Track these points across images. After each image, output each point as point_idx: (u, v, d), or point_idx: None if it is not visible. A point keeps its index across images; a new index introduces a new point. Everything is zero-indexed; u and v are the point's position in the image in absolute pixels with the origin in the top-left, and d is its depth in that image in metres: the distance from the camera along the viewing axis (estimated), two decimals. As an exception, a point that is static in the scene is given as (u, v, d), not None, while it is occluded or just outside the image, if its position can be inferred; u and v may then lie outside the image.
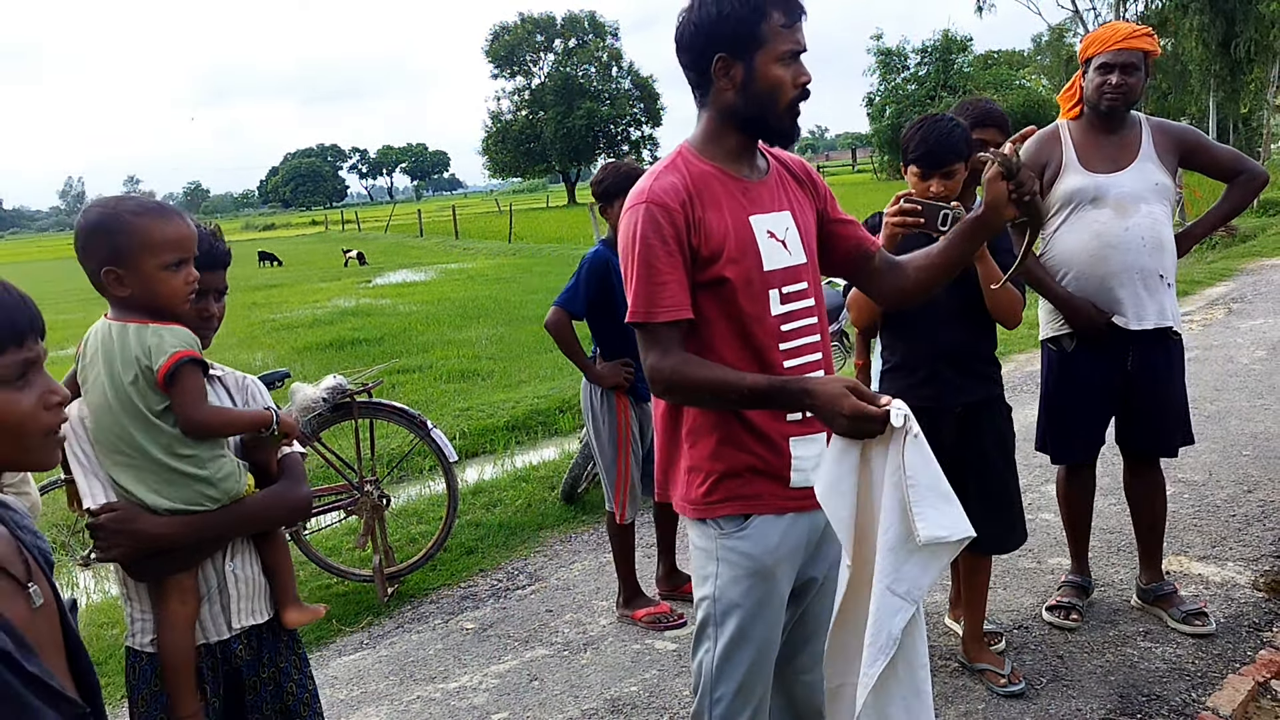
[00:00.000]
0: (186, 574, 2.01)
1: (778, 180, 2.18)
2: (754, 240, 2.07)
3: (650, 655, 3.79)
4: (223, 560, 2.07)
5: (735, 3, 1.98)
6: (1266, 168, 18.16)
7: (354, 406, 4.61)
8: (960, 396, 3.12)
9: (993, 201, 2.06)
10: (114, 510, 1.93)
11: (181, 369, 1.94)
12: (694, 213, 2.02)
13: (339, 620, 4.39)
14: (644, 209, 2.02)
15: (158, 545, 1.96)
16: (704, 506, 2.13)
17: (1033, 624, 3.73)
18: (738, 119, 2.08)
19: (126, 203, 1.95)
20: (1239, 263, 12.57)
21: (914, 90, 47.48)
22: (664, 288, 2.01)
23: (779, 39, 2.01)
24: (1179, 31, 29.99)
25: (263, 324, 15.07)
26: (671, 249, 2.00)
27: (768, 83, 2.02)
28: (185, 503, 1.98)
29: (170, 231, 1.95)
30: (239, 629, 2.09)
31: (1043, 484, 4.97)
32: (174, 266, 1.95)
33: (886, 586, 1.88)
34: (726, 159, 2.11)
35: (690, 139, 2.16)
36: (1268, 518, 4.51)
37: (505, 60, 70.49)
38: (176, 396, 1.95)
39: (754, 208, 2.10)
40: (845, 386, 1.87)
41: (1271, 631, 3.53)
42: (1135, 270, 3.42)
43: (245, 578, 2.10)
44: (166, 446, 1.96)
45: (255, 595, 2.12)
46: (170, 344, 1.94)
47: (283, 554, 2.19)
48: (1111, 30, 3.45)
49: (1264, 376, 6.95)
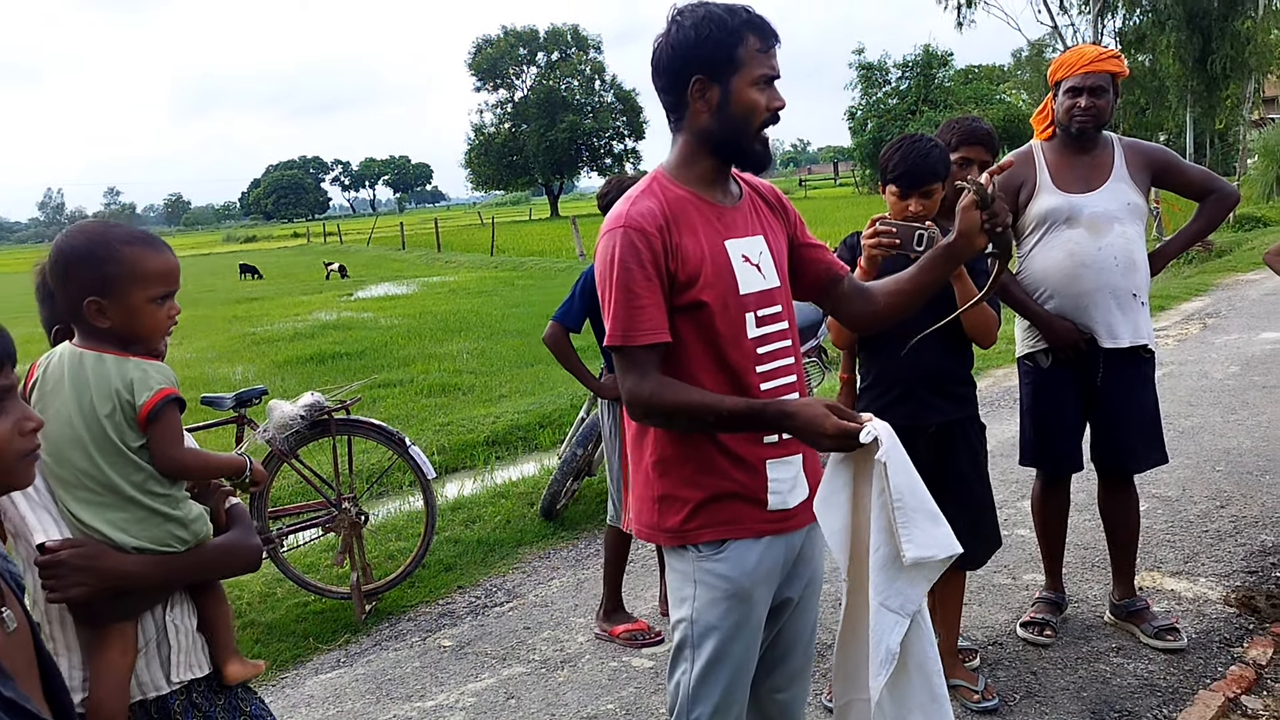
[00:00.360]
0: (129, 622, 1.88)
1: (750, 205, 2.21)
2: (729, 264, 2.09)
3: (627, 673, 3.79)
4: (163, 610, 1.95)
5: (713, 26, 2.01)
6: (1241, 183, 18.33)
7: (332, 423, 4.61)
8: (935, 416, 3.15)
9: (965, 230, 2.10)
10: (77, 546, 1.80)
11: (165, 408, 1.87)
12: (671, 238, 2.04)
13: (315, 638, 4.37)
14: (621, 233, 2.04)
15: (123, 585, 1.84)
16: (681, 534, 2.14)
17: (1007, 640, 3.76)
18: (711, 142, 2.10)
19: (115, 231, 1.89)
20: (1214, 278, 12.70)
21: (895, 104, 47.79)
22: (642, 311, 2.02)
23: (754, 63, 2.04)
24: (1156, 48, 30.31)
25: (243, 337, 15.00)
26: (649, 273, 2.02)
27: (742, 106, 2.05)
28: (155, 542, 1.88)
29: (161, 264, 1.89)
30: (178, 683, 1.97)
31: (1018, 500, 5.00)
32: (160, 300, 1.89)
33: (880, 603, 1.96)
34: (701, 184, 2.14)
35: (665, 164, 2.18)
36: (1239, 533, 4.56)
37: (488, 73, 70.62)
38: (157, 435, 1.87)
39: (729, 232, 2.12)
40: (825, 406, 1.91)
41: (1242, 647, 3.56)
42: (1109, 289, 3.46)
43: (185, 629, 1.98)
44: (140, 484, 1.87)
45: (194, 648, 2.00)
46: (156, 381, 1.87)
47: (223, 605, 2.08)
48: (1079, 54, 3.50)
49: (1237, 392, 7.02)
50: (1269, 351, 8.18)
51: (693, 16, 2.03)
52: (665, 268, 2.04)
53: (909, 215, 3.01)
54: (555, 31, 71.29)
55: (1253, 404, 6.67)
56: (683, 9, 2.06)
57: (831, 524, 2.01)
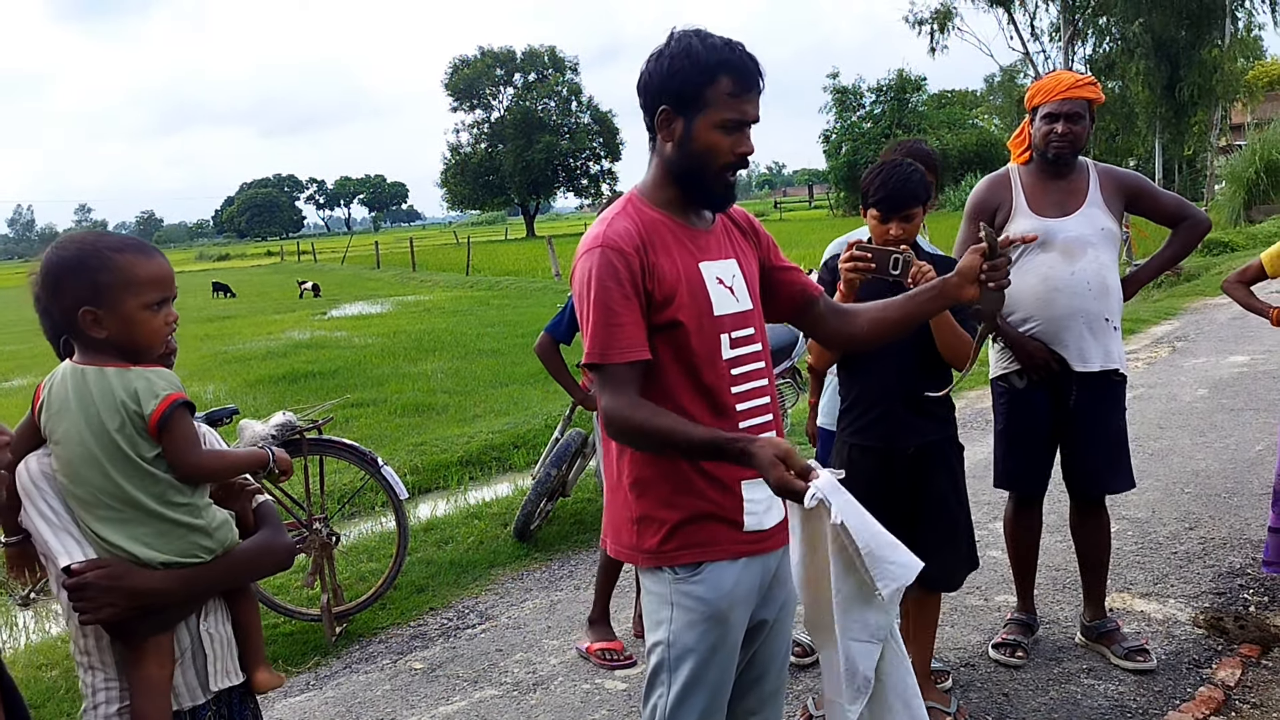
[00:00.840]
0: (165, 634, 1.87)
1: (723, 229, 2.25)
2: (704, 286, 2.11)
3: (600, 695, 3.77)
4: (197, 619, 1.94)
5: (686, 62, 2.04)
6: (1210, 209, 18.57)
7: (303, 443, 4.57)
8: (913, 437, 3.17)
9: (962, 270, 2.20)
10: (103, 566, 1.78)
11: (175, 413, 1.84)
12: (647, 258, 2.06)
13: (285, 661, 4.32)
14: (599, 253, 2.05)
15: (153, 602, 1.82)
16: (659, 555, 2.14)
17: (979, 661, 3.77)
18: (674, 173, 2.14)
19: (106, 239, 1.87)
20: (1183, 302, 12.86)
21: (869, 128, 48.32)
22: (620, 329, 2.03)
23: (723, 106, 2.05)
24: (1125, 75, 30.79)
25: (215, 356, 14.89)
26: (627, 291, 2.03)
27: (701, 145, 2.08)
28: (180, 555, 1.86)
29: (154, 269, 1.87)
30: (215, 692, 1.97)
31: (991, 521, 5.02)
32: (156, 306, 1.87)
33: (851, 639, 1.97)
34: (673, 207, 2.16)
35: (639, 185, 2.22)
36: (1208, 555, 4.60)
37: (465, 93, 70.68)
38: (171, 442, 1.85)
39: (703, 255, 2.15)
40: (776, 455, 1.88)
41: (1211, 668, 3.59)
42: (1081, 314, 3.49)
43: (219, 637, 1.98)
44: (160, 496, 1.84)
45: (229, 655, 2.00)
46: (161, 388, 1.85)
47: (254, 611, 2.08)
48: (1056, 80, 3.54)
49: (1206, 414, 7.09)
50: (1236, 375, 8.28)
51: (674, 47, 2.06)
52: (643, 287, 2.05)
53: (889, 238, 3.07)
54: (532, 53, 71.47)
55: (1220, 426, 6.75)
56: (675, 35, 2.09)
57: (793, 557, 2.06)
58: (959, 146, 44.00)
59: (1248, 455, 6.04)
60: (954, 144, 44.34)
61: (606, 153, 72.27)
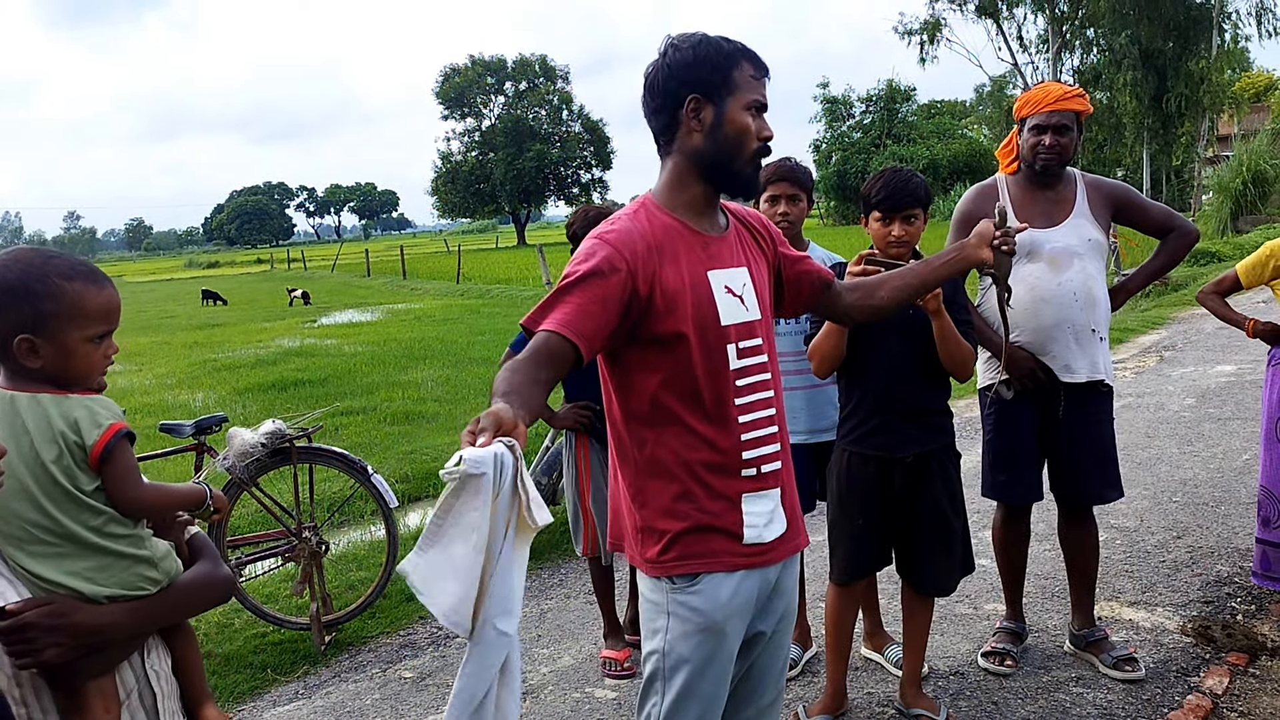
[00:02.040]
0: (107, 676, 1.75)
1: (736, 237, 2.23)
2: (711, 295, 2.09)
3: (590, 704, 3.77)
4: (141, 658, 1.83)
5: (710, 48, 2.08)
6: (1197, 219, 18.66)
7: (293, 451, 4.56)
8: (911, 446, 3.19)
9: (979, 233, 2.38)
10: (45, 605, 1.64)
11: (118, 445, 1.74)
12: (649, 263, 2.04)
13: (274, 670, 4.31)
14: (596, 241, 2.04)
15: (100, 639, 1.70)
16: (658, 565, 2.13)
17: (968, 669, 3.78)
18: (703, 164, 2.12)
19: (55, 263, 1.73)
20: (1171, 311, 12.91)
21: (859, 138, 48.50)
22: (562, 305, 1.97)
23: (749, 88, 2.10)
24: (1113, 85, 30.98)
25: (204, 364, 14.82)
26: (598, 282, 1.98)
27: (735, 128, 2.09)
28: (125, 587, 1.75)
29: (103, 301, 1.76)
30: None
31: (980, 530, 5.02)
32: (98, 340, 1.76)
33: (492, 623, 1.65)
34: (689, 211, 2.14)
35: (654, 189, 2.19)
36: (1196, 563, 4.62)
37: (455, 101, 70.71)
38: (113, 475, 1.74)
39: (713, 263, 2.13)
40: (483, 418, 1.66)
41: (1199, 676, 3.60)
42: (1068, 324, 3.51)
43: (165, 674, 1.87)
44: (100, 528, 1.73)
45: (175, 694, 1.90)
46: (104, 418, 1.74)
47: (194, 646, 1.97)
48: (1044, 92, 3.56)
49: (1193, 424, 7.13)
50: (1224, 384, 8.32)
51: (690, 40, 2.11)
52: (635, 289, 2.01)
53: (892, 239, 3.10)
54: (523, 61, 71.58)
55: (1208, 435, 6.78)
56: (678, 36, 2.13)
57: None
58: (948, 156, 44.20)
59: (1235, 464, 6.07)
60: (944, 154, 44.53)
61: (597, 161, 72.35)
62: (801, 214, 3.66)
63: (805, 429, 3.66)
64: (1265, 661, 3.70)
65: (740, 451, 2.11)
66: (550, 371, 1.92)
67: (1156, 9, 29.17)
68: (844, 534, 3.32)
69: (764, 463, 2.14)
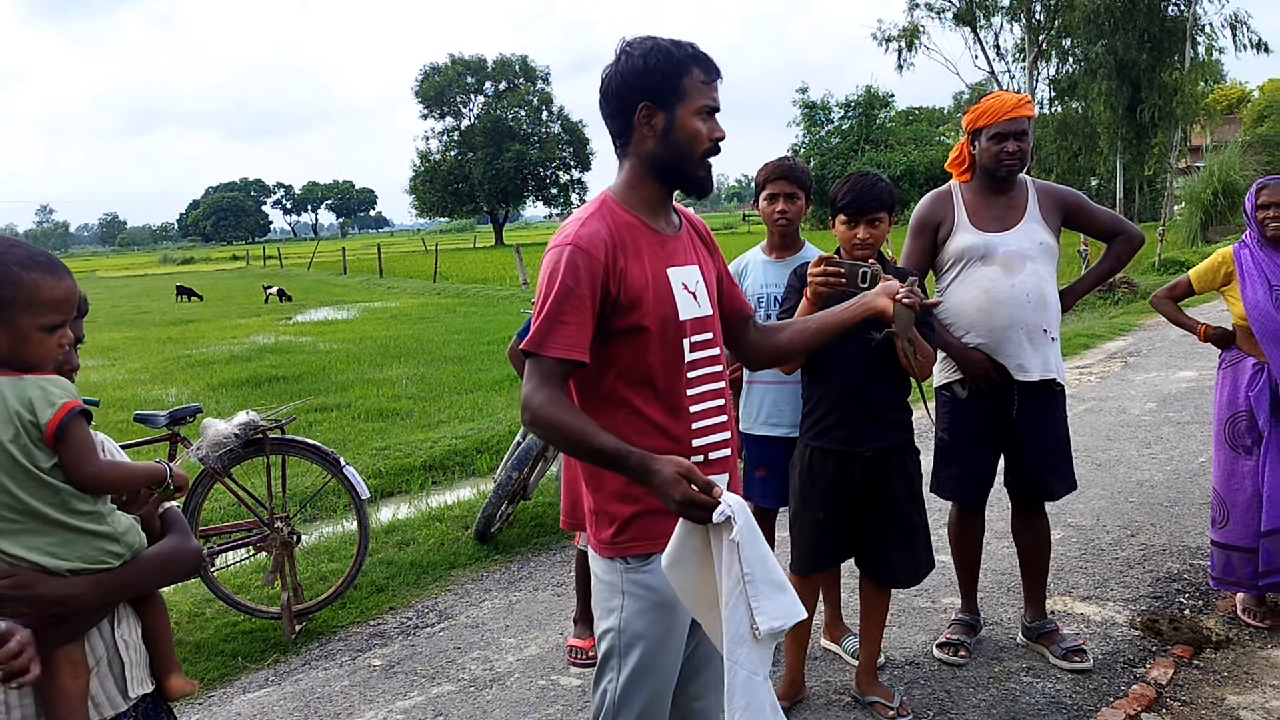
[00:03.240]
0: (75, 644, 1.82)
1: (688, 236, 2.35)
2: (670, 291, 2.20)
3: (555, 691, 3.85)
4: (111, 627, 1.90)
5: (660, 57, 2.15)
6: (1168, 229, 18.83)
7: (266, 442, 4.62)
8: (871, 441, 3.29)
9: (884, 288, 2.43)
10: (7, 577, 1.71)
11: (72, 422, 1.77)
12: (616, 262, 2.14)
13: (244, 658, 4.37)
14: (569, 250, 2.13)
15: (65, 608, 1.77)
16: (612, 546, 2.23)
17: (923, 660, 3.89)
18: (657, 167, 2.22)
19: (14, 251, 1.77)
20: (1137, 318, 13.13)
21: (837, 143, 48.67)
22: (564, 327, 2.11)
23: (698, 94, 2.18)
24: (1088, 95, 31.29)
25: (177, 359, 14.78)
26: (584, 294, 2.11)
27: (686, 133, 2.18)
28: (88, 561, 1.81)
29: (59, 291, 1.79)
30: (134, 699, 1.93)
31: (939, 527, 5.14)
32: (52, 329, 1.79)
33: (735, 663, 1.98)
34: (646, 210, 2.25)
35: (613, 187, 2.29)
36: (1148, 560, 4.75)
37: (435, 101, 70.54)
38: (68, 451, 1.78)
39: (671, 260, 2.24)
40: (678, 472, 1.93)
41: (1145, 667, 3.73)
42: (1021, 325, 3.62)
43: (134, 644, 1.93)
44: (62, 504, 1.78)
45: (144, 662, 1.96)
46: (57, 396, 1.77)
47: (164, 616, 2.04)
48: (1000, 102, 3.66)
49: (1153, 427, 7.29)
50: (1184, 389, 8.50)
51: (641, 47, 2.17)
52: (605, 290, 2.13)
53: (857, 242, 3.20)
54: (503, 61, 71.51)
55: (1166, 439, 6.94)
56: (632, 40, 2.21)
57: (680, 583, 2.05)
58: (926, 163, 44.47)
59: (1191, 466, 6.23)
60: (921, 160, 44.81)
61: (576, 163, 72.37)
62: (799, 212, 3.75)
63: (789, 424, 3.75)
64: (1210, 654, 3.83)
65: (690, 439, 2.22)
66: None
67: (1132, 20, 29.52)
68: (805, 526, 3.42)
69: (712, 450, 2.26)
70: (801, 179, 3.73)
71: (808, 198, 3.77)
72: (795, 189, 3.71)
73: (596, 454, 2.06)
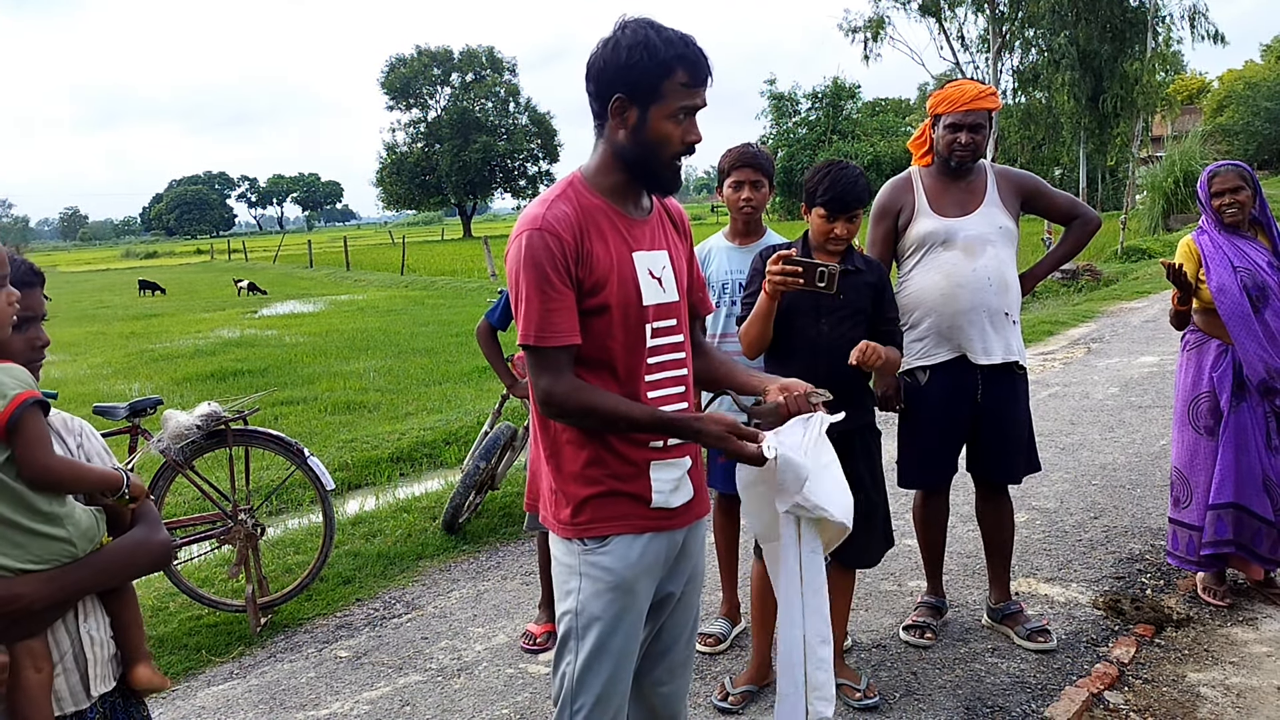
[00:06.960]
0: (37, 639, 1.77)
1: (659, 221, 2.32)
2: (635, 276, 2.18)
3: (523, 679, 3.84)
4: (75, 621, 1.84)
5: (643, 55, 2.07)
6: (1130, 217, 19.03)
7: (229, 434, 4.57)
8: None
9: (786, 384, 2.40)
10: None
11: (25, 414, 1.69)
12: (583, 244, 2.12)
13: (208, 651, 4.32)
14: (537, 235, 2.10)
15: (20, 606, 1.71)
16: (569, 526, 2.22)
17: (890, 642, 3.91)
18: (624, 159, 2.19)
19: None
20: (1101, 305, 13.28)
21: (805, 134, 48.83)
22: (556, 313, 2.09)
23: (676, 97, 2.11)
24: (1051, 85, 31.52)
25: (140, 354, 14.61)
26: (562, 275, 2.09)
27: (656, 135, 2.14)
28: (42, 562, 1.75)
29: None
30: (98, 695, 1.88)
31: (905, 511, 5.18)
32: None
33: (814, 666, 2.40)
34: (614, 194, 2.22)
35: (584, 167, 2.26)
36: (1110, 542, 4.81)
37: (401, 92, 70.12)
38: (22, 445, 1.70)
39: (637, 245, 2.21)
40: (726, 430, 2.12)
41: (1108, 646, 3.77)
42: (983, 308, 3.64)
43: (100, 640, 1.88)
44: (15, 504, 1.71)
45: (109, 660, 1.91)
46: (10, 386, 1.70)
47: (134, 608, 1.97)
48: (960, 91, 3.68)
49: (1115, 411, 7.37)
50: (1146, 374, 8.61)
51: (630, 38, 2.09)
52: (574, 273, 2.11)
53: (834, 237, 3.21)
54: (470, 53, 71.11)
55: (1129, 423, 7.02)
56: (628, 23, 2.12)
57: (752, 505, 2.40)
58: (891, 154, 44.70)
59: (1152, 449, 6.31)
60: (886, 151, 45.02)
61: (544, 154, 72.21)
62: (764, 199, 3.76)
63: None
64: (1170, 632, 3.89)
65: None
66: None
67: (1094, 11, 29.76)
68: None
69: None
70: (765, 166, 3.74)
71: (771, 184, 3.77)
72: (760, 176, 3.71)
73: (636, 426, 2.14)
